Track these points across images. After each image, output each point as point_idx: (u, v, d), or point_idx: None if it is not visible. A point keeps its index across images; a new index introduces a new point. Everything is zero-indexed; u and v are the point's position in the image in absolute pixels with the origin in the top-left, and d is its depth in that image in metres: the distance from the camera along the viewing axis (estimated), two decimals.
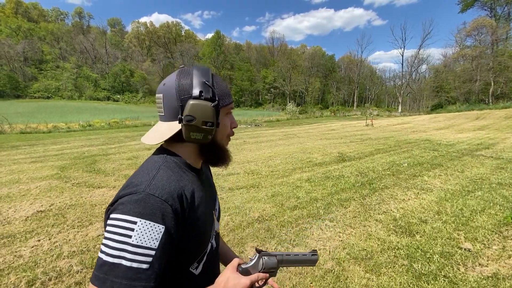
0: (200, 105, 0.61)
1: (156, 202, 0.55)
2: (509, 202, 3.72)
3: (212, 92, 0.64)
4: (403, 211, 3.49)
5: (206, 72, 0.65)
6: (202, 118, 0.61)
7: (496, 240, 2.75)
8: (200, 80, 0.63)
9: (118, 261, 0.49)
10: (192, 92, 0.62)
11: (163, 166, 0.63)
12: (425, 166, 5.90)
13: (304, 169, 5.88)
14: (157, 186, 0.57)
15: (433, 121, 20.14)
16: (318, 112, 38.03)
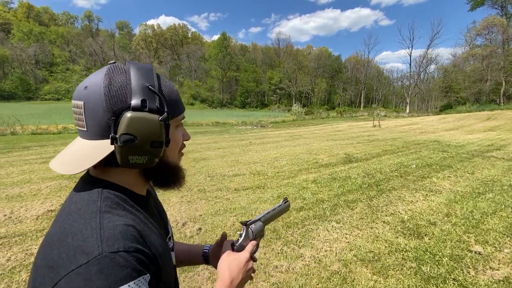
0: (143, 120, 0.45)
1: (124, 260, 0.40)
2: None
3: (160, 101, 0.48)
4: (411, 213, 3.44)
5: (148, 72, 0.49)
6: (146, 138, 0.46)
7: (508, 243, 2.68)
8: (142, 84, 0.46)
9: None
10: (131, 102, 0.45)
11: (104, 207, 0.45)
12: (434, 168, 5.81)
13: (310, 170, 5.85)
14: (114, 236, 0.41)
15: (442, 121, 19.78)
16: (324, 113, 37.82)
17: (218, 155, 7.70)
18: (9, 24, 58.22)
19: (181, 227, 3.08)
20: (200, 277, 2.19)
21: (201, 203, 3.88)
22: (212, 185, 4.82)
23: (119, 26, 79.08)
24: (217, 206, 3.78)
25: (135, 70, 0.48)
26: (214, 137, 12.03)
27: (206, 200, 4.03)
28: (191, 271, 2.27)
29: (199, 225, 3.14)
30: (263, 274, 2.24)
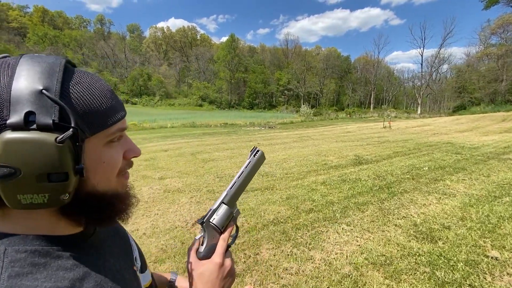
0: (27, 144, 0.30)
1: None
2: None
3: (62, 112, 0.33)
4: (424, 217, 3.36)
5: (47, 68, 0.34)
6: (34, 170, 0.31)
7: None
8: (31, 88, 0.32)
9: None
10: (8, 117, 0.31)
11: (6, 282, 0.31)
12: (448, 170, 5.66)
13: (319, 172, 5.80)
14: None
15: (455, 123, 19.28)
16: (333, 114, 37.47)
17: (226, 156, 7.74)
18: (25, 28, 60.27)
19: (191, 227, 3.10)
20: None
21: (210, 204, 3.90)
22: (221, 185, 4.83)
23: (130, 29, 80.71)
24: None
25: (26, 67, 0.33)
26: (223, 138, 12.09)
27: (215, 200, 4.04)
28: None
29: None
30: (272, 276, 2.23)
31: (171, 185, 4.79)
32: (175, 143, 10.36)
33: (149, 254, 2.53)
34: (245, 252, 2.60)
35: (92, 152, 0.37)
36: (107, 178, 0.40)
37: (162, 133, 14.82)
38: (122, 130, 0.41)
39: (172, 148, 9.07)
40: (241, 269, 2.33)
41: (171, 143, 10.36)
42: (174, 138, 12.21)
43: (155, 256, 2.50)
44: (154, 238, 2.86)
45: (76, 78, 0.36)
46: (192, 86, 61.81)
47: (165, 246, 2.68)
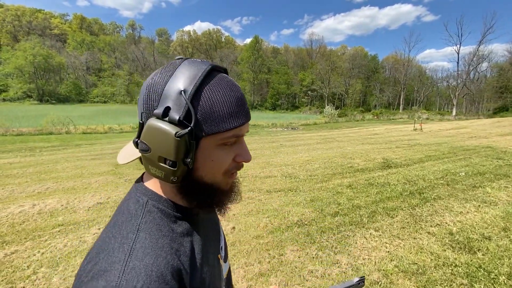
0: (157, 131, 0.39)
1: None
2: None
3: (187, 112, 0.39)
4: (461, 225, 3.14)
5: (193, 75, 0.40)
6: (156, 151, 0.40)
7: None
8: (176, 88, 0.39)
9: None
10: (156, 107, 0.40)
11: (143, 225, 0.41)
12: (487, 177, 5.23)
13: (344, 175, 5.64)
14: (137, 271, 0.36)
15: (496, 125, 17.75)
16: (359, 115, 36.21)
17: None
18: (65, 35, 65.48)
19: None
20: (235, 275, 2.23)
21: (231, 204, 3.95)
22: (244, 185, 4.88)
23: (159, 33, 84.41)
24: (250, 206, 3.82)
25: (182, 70, 0.41)
26: (245, 139, 12.17)
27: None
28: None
29: (233, 224, 3.20)
30: (297, 278, 2.20)
31: None
32: None
33: None
34: (269, 252, 2.60)
35: (204, 149, 0.43)
36: (213, 173, 0.46)
37: None
38: (237, 136, 0.46)
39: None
40: (265, 269, 2.33)
41: None
42: None
43: None
44: None
45: (212, 84, 0.42)
46: None
47: None
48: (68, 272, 2.31)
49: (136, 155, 0.46)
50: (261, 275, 2.22)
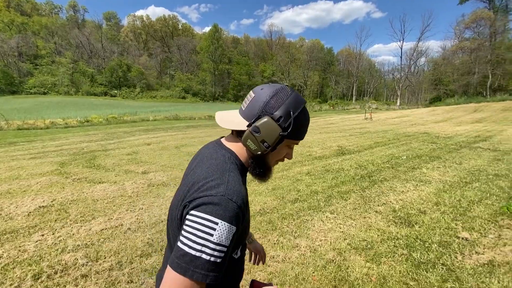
0: (272, 126, 0.68)
1: (233, 207, 0.61)
2: (505, 193, 3.79)
3: (289, 124, 0.69)
4: (402, 203, 3.55)
5: (298, 105, 0.70)
6: (264, 137, 0.68)
7: (492, 229, 2.80)
8: (288, 108, 0.69)
9: (199, 254, 0.57)
10: (275, 112, 0.68)
11: (231, 167, 0.71)
12: (424, 159, 5.96)
13: (304, 163, 5.91)
14: (233, 191, 0.63)
15: (431, 114, 20.19)
16: (317, 106, 37.98)
17: None
18: None
19: None
20: None
21: None
22: None
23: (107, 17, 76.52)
24: None
25: (292, 99, 0.70)
26: (208, 131, 11.96)
27: None
28: None
29: None
30: (260, 264, 2.27)
31: (155, 179, 4.71)
32: (158, 136, 10.12)
33: (134, 249, 2.50)
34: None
35: (280, 146, 0.73)
36: (272, 159, 0.77)
37: (144, 126, 14.41)
38: (296, 144, 0.78)
39: (155, 141, 8.87)
40: None
41: (154, 136, 10.12)
42: (157, 131, 11.93)
43: (141, 250, 2.48)
44: (139, 232, 2.82)
45: (303, 113, 0.72)
46: (174, 77, 60.10)
47: (151, 240, 2.65)
48: (6, 286, 2.05)
49: (233, 127, 0.73)
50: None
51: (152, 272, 2.15)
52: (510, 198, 3.60)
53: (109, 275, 2.13)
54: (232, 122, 0.74)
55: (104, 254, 2.42)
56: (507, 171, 4.81)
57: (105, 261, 2.31)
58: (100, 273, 2.16)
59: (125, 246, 2.54)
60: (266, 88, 0.72)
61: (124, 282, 2.02)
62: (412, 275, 2.11)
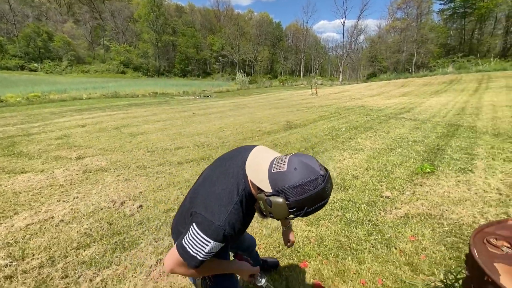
0: (283, 209, 0.79)
1: (224, 235, 0.85)
2: (420, 156, 4.49)
3: (298, 214, 0.81)
4: (340, 170, 3.94)
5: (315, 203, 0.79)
6: (273, 211, 0.82)
7: (408, 187, 3.33)
8: (304, 204, 0.78)
9: (195, 255, 0.86)
10: (291, 199, 0.78)
11: (239, 199, 0.89)
12: (359, 130, 6.62)
13: (254, 139, 6.02)
14: (229, 224, 0.85)
15: (368, 89, 22.23)
16: (268, 82, 38.31)
17: (158, 128, 7.23)
18: None
19: (119, 207, 2.90)
20: (143, 253, 2.15)
21: (140, 180, 3.68)
22: (153, 160, 4.57)
23: None
24: (159, 181, 3.65)
25: (313, 196, 0.77)
26: (153, 109, 11.15)
27: (146, 176, 3.83)
28: (133, 248, 2.21)
29: (140, 202, 3.01)
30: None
31: (92, 165, 4.28)
32: (95, 116, 9.07)
33: (69, 241, 2.29)
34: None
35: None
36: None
37: (77, 105, 12.70)
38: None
39: (91, 122, 7.94)
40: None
41: (89, 117, 9.04)
42: (93, 111, 10.66)
43: (78, 242, 2.28)
44: (75, 223, 2.58)
45: (317, 208, 0.80)
46: (110, 49, 53.11)
47: (89, 230, 2.46)
48: None
49: (256, 182, 0.84)
50: (171, 247, 2.23)
51: (91, 264, 2.01)
52: (424, 160, 4.29)
53: (39, 272, 1.93)
54: (258, 174, 0.83)
55: (31, 252, 2.16)
56: (423, 138, 5.67)
57: (34, 259, 2.08)
58: (28, 272, 1.94)
59: (58, 240, 2.30)
60: (300, 170, 0.76)
61: (57, 278, 1.85)
62: (344, 233, 2.41)
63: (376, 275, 1.88)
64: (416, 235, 2.34)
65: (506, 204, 2.82)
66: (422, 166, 3.92)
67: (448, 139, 5.48)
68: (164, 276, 1.90)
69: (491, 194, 3.03)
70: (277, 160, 0.81)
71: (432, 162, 4.16)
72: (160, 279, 1.86)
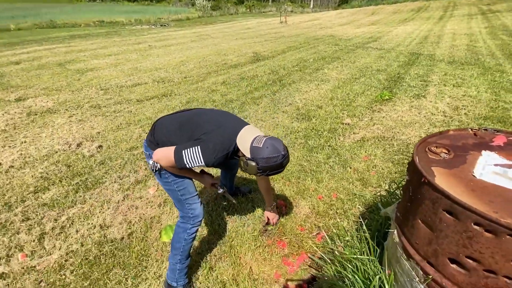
0: (253, 169, 1.17)
1: (211, 163, 1.19)
2: (381, 84, 4.65)
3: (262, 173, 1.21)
4: (305, 101, 3.98)
5: (275, 169, 1.20)
6: (247, 169, 1.20)
7: (367, 114, 3.52)
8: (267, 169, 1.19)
9: (186, 163, 1.15)
10: (260, 165, 1.16)
11: (229, 151, 1.22)
12: (327, 60, 6.51)
13: (219, 72, 5.68)
14: (216, 160, 1.18)
15: (338, 17, 21.12)
16: (233, 8, 34.31)
17: (110, 63, 6.43)
18: None
19: (76, 148, 2.72)
20: (108, 190, 2.13)
21: (97, 120, 3.40)
22: (108, 99, 4.18)
23: None
24: (118, 120, 3.41)
25: (275, 166, 1.19)
26: (101, 41, 9.69)
27: (102, 116, 3.54)
28: (97, 187, 2.17)
29: (99, 142, 2.84)
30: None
31: (37, 106, 3.81)
32: (30, 51, 7.71)
33: (25, 186, 2.16)
34: (145, 160, 2.55)
35: None
36: None
37: (5, 39, 10.57)
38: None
39: (27, 58, 6.77)
40: (142, 175, 2.34)
41: (24, 52, 7.66)
42: (27, 44, 9.00)
43: (34, 186, 2.17)
44: (27, 168, 2.41)
45: (276, 171, 1.24)
46: None
47: (45, 174, 2.32)
48: None
49: (242, 150, 1.21)
50: (138, 182, 2.23)
51: (53, 205, 1.97)
52: (384, 88, 4.46)
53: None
54: (244, 144, 1.20)
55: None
56: (386, 66, 5.78)
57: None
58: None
59: (11, 186, 2.17)
60: (269, 149, 1.15)
61: (18, 222, 1.80)
62: (306, 158, 2.58)
63: (332, 191, 2.11)
64: (369, 156, 2.58)
65: (448, 124, 3.15)
66: (382, 93, 4.09)
67: (409, 67, 5.65)
68: (133, 209, 1.94)
69: (437, 117, 3.34)
70: (258, 138, 1.18)
71: (391, 89, 4.35)
72: (129, 212, 1.91)
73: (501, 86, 4.28)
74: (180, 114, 1.40)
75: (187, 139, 1.22)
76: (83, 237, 1.70)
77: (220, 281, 1.44)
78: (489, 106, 3.57)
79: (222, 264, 1.53)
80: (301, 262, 1.54)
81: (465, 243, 0.79)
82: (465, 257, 0.80)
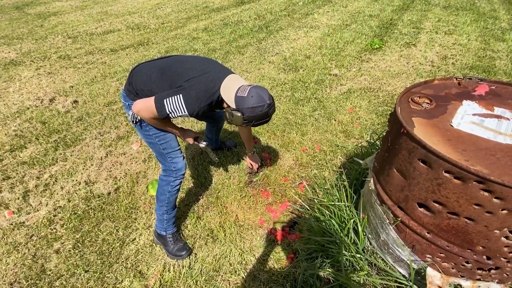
0: (239, 120, 1.14)
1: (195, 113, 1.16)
2: (373, 32, 4.42)
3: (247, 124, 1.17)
4: (293, 50, 3.77)
5: (261, 119, 1.18)
6: (233, 120, 1.17)
7: (356, 64, 3.41)
8: (252, 119, 1.15)
9: (168, 112, 1.12)
10: (246, 115, 1.13)
11: (213, 100, 1.18)
12: (317, 4, 6.01)
13: (200, 17, 5.18)
14: (199, 109, 1.15)
15: None
16: None
17: (75, 6, 5.68)
18: None
19: (49, 104, 2.56)
20: (89, 147, 2.08)
21: (68, 73, 3.14)
22: (78, 48, 3.80)
23: None
24: (92, 73, 3.16)
25: (260, 116, 1.15)
26: None
27: (74, 68, 3.26)
28: (78, 144, 2.11)
29: (73, 97, 2.67)
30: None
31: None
32: None
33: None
34: (125, 115, 2.46)
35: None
36: None
37: None
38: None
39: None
40: (124, 131, 2.27)
41: None
42: None
43: (10, 144, 2.08)
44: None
45: (262, 122, 1.20)
46: None
47: (19, 132, 2.21)
48: None
49: (226, 100, 1.18)
50: (120, 139, 2.17)
51: (33, 163, 1.92)
52: (375, 36, 4.25)
53: None
54: (228, 94, 1.15)
55: None
56: (379, 11, 5.42)
57: None
58: None
59: None
60: (255, 98, 1.11)
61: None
62: (292, 111, 2.55)
63: (316, 143, 2.15)
64: (354, 107, 2.58)
65: (435, 74, 3.12)
66: (372, 42, 3.91)
67: (402, 12, 5.33)
68: (118, 165, 1.93)
69: (425, 67, 3.29)
70: (242, 87, 1.13)
71: (382, 37, 4.16)
72: (113, 169, 1.90)
73: (492, 34, 4.18)
74: (160, 61, 1.29)
75: (168, 87, 1.16)
76: (69, 193, 1.71)
77: (208, 228, 1.53)
78: (477, 56, 3.52)
79: (209, 214, 1.61)
80: (284, 209, 1.65)
81: (434, 189, 0.83)
82: (432, 202, 0.86)
